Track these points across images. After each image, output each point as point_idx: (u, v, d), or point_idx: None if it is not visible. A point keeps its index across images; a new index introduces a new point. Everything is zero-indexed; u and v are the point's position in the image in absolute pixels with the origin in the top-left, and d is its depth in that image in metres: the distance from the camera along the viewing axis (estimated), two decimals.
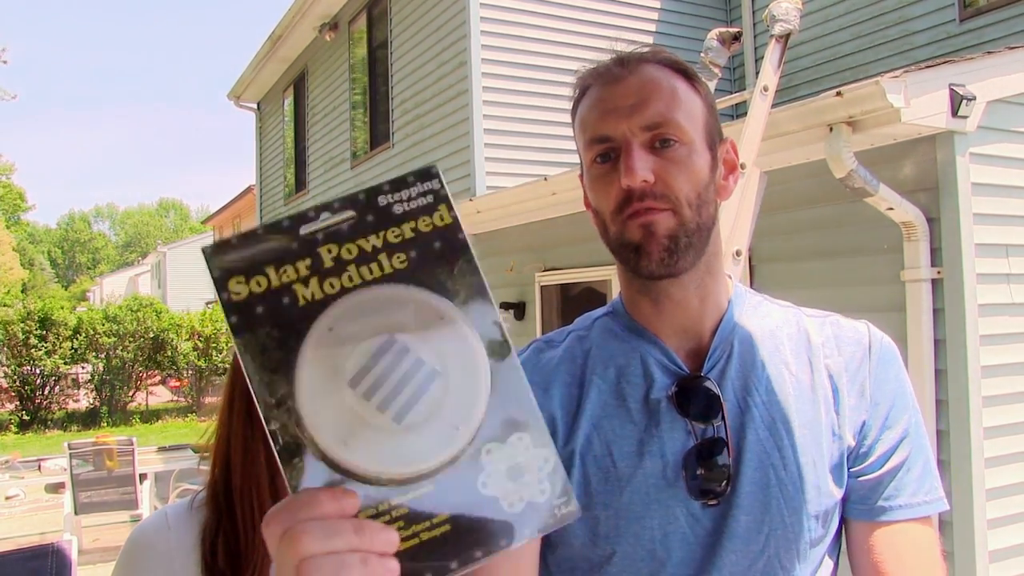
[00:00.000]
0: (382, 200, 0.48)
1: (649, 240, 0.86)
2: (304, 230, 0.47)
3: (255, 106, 12.64)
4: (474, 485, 0.45)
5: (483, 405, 0.45)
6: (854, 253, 3.42)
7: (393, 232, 0.47)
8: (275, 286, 0.45)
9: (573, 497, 0.46)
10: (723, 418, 0.86)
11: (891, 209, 3.04)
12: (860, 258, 3.38)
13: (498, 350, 0.46)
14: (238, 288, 0.45)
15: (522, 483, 0.46)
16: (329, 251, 0.46)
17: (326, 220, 0.47)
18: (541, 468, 0.46)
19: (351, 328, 0.45)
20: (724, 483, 0.84)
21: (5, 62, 15.70)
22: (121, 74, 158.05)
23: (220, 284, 0.45)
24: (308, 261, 0.46)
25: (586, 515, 0.87)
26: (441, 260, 0.47)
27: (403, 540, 0.45)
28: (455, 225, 0.48)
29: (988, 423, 2.99)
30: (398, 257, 0.47)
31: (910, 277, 3.09)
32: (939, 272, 3.06)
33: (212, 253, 0.46)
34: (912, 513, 0.87)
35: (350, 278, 0.46)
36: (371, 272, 0.46)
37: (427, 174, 0.49)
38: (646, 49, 0.92)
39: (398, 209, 0.48)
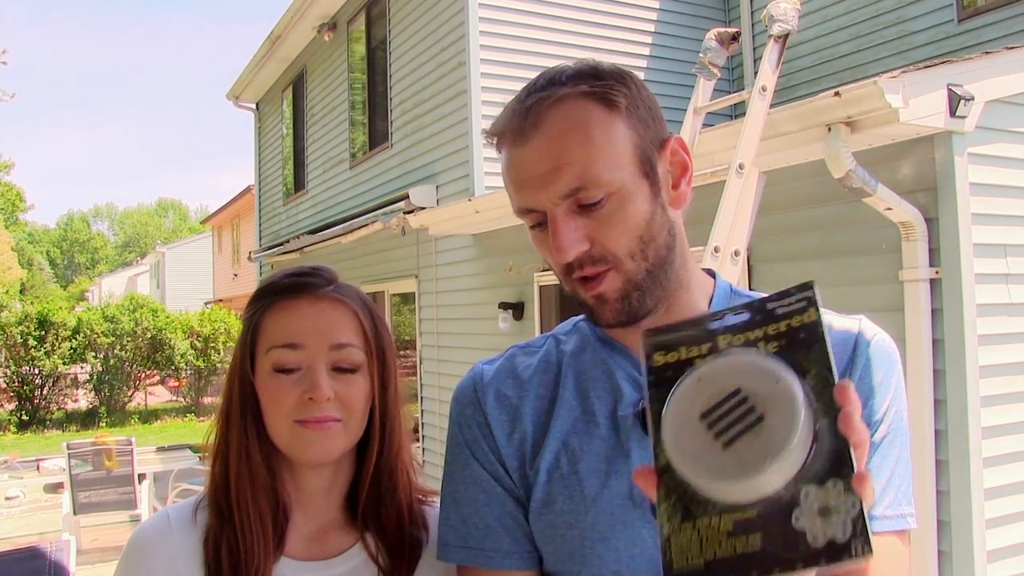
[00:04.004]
0: (770, 305, 0.62)
1: (602, 306, 0.84)
2: (712, 325, 0.64)
3: (254, 106, 12.63)
4: (788, 518, 0.56)
5: (792, 450, 0.55)
6: (853, 253, 3.42)
7: (773, 327, 0.61)
8: (684, 359, 0.63)
9: (870, 542, 0.54)
10: None
11: (889, 209, 3.04)
12: (858, 258, 3.39)
13: (828, 412, 0.57)
14: (659, 358, 0.64)
15: (829, 523, 0.55)
16: (724, 339, 0.62)
17: (729, 320, 0.63)
18: (848, 511, 0.54)
19: (713, 379, 0.60)
20: None
21: (5, 63, 15.73)
22: (121, 74, 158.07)
23: (648, 355, 0.64)
24: (709, 344, 0.63)
25: (552, 533, 0.86)
26: (802, 346, 0.60)
27: (725, 549, 0.57)
28: (818, 321, 0.60)
29: (986, 423, 3.00)
30: (772, 345, 0.61)
31: (908, 277, 3.10)
32: (937, 272, 3.06)
33: (648, 335, 0.65)
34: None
35: None
36: None
37: (806, 287, 0.62)
38: (552, 75, 0.83)
39: (780, 311, 0.62)
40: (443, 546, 0.92)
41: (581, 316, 0.98)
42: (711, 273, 0.95)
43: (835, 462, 0.56)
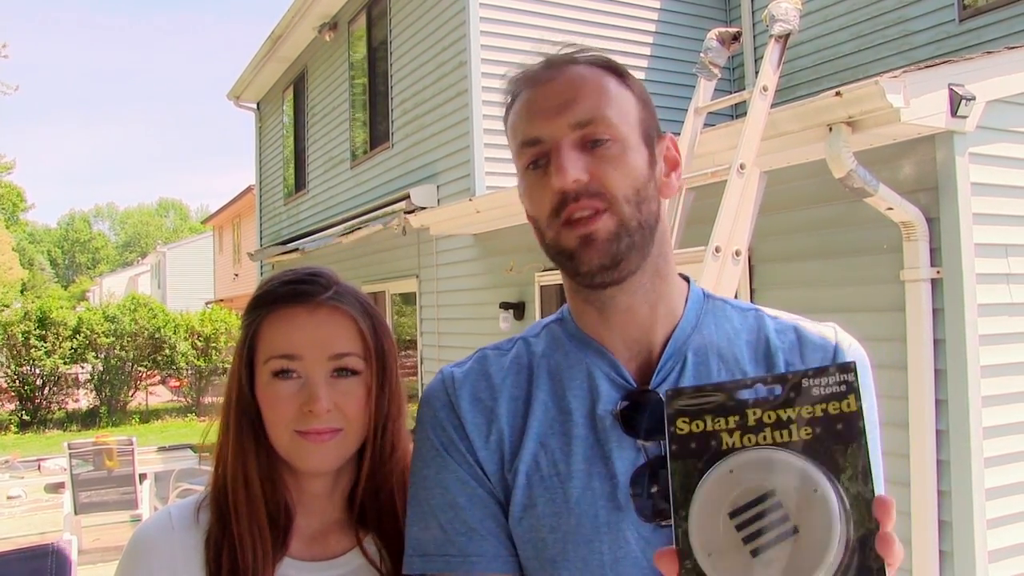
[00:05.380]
0: (806, 382, 0.59)
1: (588, 247, 0.82)
2: (740, 394, 0.61)
3: (255, 106, 12.63)
4: None
5: (825, 569, 0.54)
6: (854, 253, 3.42)
7: (808, 409, 0.59)
8: (708, 430, 0.60)
9: None
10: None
11: (891, 209, 3.04)
12: (860, 258, 3.38)
13: (864, 523, 0.56)
14: (682, 426, 0.61)
15: None
16: (754, 413, 0.60)
17: (760, 391, 0.61)
18: None
19: (747, 475, 0.58)
20: None
21: (6, 56, 15.77)
22: (121, 74, 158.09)
23: (671, 420, 0.61)
24: (737, 418, 0.60)
25: (533, 537, 0.84)
26: (840, 440, 0.58)
27: None
28: (858, 413, 0.58)
29: (988, 423, 3.00)
30: (806, 430, 0.58)
31: (910, 277, 3.09)
32: (939, 272, 3.06)
33: (671, 396, 0.62)
34: None
35: (764, 437, 0.59)
36: (782, 437, 0.59)
37: (847, 368, 0.59)
38: (574, 50, 0.89)
39: (816, 392, 0.59)
40: (421, 556, 0.87)
41: (551, 318, 0.97)
42: (685, 278, 0.95)
43: None
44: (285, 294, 0.99)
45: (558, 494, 0.83)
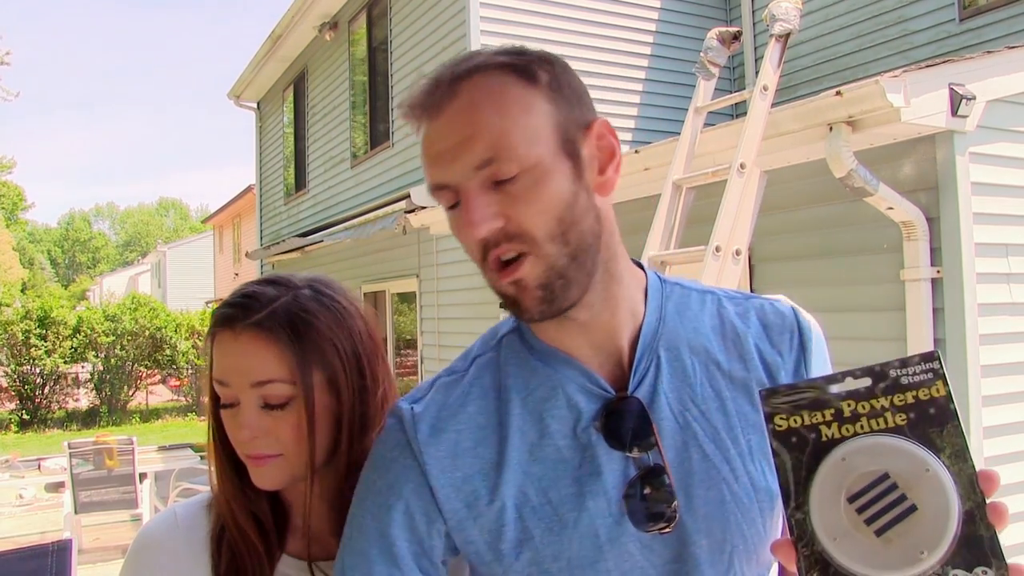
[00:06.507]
0: (893, 372, 0.63)
1: (523, 294, 0.77)
2: (832, 389, 0.64)
3: (255, 106, 12.63)
4: None
5: (948, 541, 0.58)
6: (854, 253, 3.42)
7: (899, 397, 0.63)
8: (806, 424, 0.64)
9: None
10: (656, 441, 0.79)
11: (891, 208, 3.04)
12: (860, 258, 3.39)
13: (970, 495, 0.59)
14: (780, 423, 0.65)
15: None
16: (849, 405, 0.64)
17: (850, 384, 0.64)
18: None
19: (858, 460, 0.62)
20: (671, 505, 0.78)
21: (7, 64, 15.81)
22: (121, 74, 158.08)
23: (768, 419, 0.65)
24: (832, 411, 0.64)
25: (535, 572, 0.80)
26: (934, 423, 0.62)
27: None
28: (948, 397, 0.62)
29: (988, 422, 3.00)
30: (900, 416, 0.62)
31: (910, 276, 3.10)
32: (939, 271, 3.06)
33: (765, 396, 0.66)
34: None
35: (861, 427, 0.63)
36: (878, 424, 0.63)
37: (931, 356, 0.63)
38: (474, 52, 0.80)
39: (905, 381, 0.63)
40: None
41: (505, 327, 0.91)
42: (639, 265, 0.91)
43: (986, 552, 0.58)
44: (219, 318, 0.97)
45: (554, 522, 0.80)
